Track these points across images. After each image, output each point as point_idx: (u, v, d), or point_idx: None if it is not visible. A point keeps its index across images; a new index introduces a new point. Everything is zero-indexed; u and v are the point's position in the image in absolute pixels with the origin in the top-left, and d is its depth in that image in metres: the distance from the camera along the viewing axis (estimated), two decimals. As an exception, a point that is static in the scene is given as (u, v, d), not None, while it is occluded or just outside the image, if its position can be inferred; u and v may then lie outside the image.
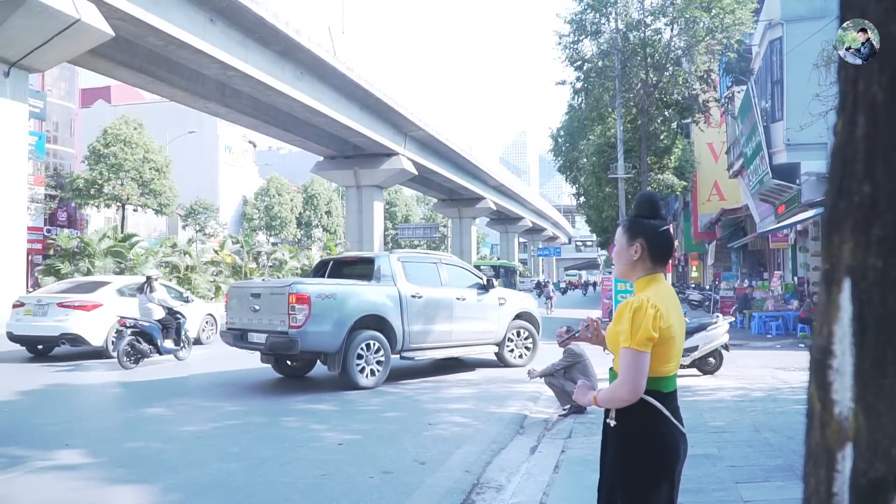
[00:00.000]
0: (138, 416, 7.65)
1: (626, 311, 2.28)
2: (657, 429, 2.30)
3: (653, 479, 2.29)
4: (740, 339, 15.12)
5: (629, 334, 2.24)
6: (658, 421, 2.30)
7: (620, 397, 2.26)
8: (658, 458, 2.29)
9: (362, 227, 50.28)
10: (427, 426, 7.18)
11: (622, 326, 2.27)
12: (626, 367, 2.24)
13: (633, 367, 2.22)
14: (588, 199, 36.74)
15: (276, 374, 10.70)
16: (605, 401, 2.34)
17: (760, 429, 6.65)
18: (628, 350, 2.23)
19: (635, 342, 2.22)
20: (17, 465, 5.55)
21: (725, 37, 22.33)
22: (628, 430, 2.32)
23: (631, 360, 2.23)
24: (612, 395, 2.30)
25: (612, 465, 2.39)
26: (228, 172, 67.53)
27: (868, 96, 0.74)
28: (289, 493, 4.93)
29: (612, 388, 2.30)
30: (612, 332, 2.38)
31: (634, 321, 2.24)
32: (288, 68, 33.37)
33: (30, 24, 20.12)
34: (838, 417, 0.77)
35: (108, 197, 41.19)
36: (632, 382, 2.22)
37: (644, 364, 2.23)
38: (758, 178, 19.37)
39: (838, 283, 0.77)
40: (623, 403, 2.28)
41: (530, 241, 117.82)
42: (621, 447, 2.34)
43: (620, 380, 2.25)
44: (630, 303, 2.30)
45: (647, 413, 2.29)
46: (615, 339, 2.34)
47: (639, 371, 2.22)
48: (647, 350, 2.23)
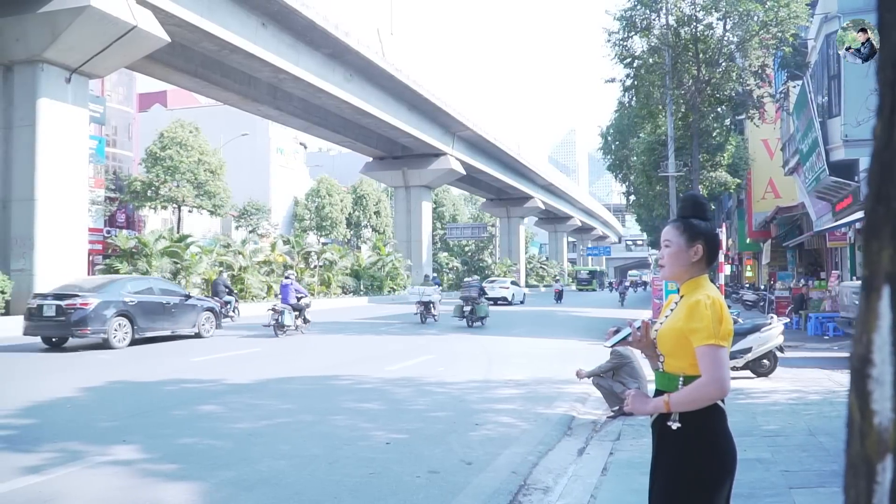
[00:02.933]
0: (192, 413, 7.84)
1: (703, 309, 2.23)
2: (722, 428, 2.28)
3: (718, 480, 2.26)
4: (796, 341, 14.73)
5: (711, 331, 2.20)
6: (722, 420, 2.29)
7: (709, 396, 2.21)
8: (723, 460, 2.27)
9: (411, 227, 50.62)
10: (474, 426, 7.19)
11: (699, 324, 2.22)
12: (711, 363, 2.19)
13: (720, 363, 2.19)
14: (638, 198, 36.32)
15: (325, 373, 10.88)
16: (685, 403, 2.25)
17: (816, 433, 6.47)
18: (711, 347, 2.19)
19: (719, 337, 2.19)
20: (76, 460, 5.75)
21: (780, 31, 21.77)
22: (694, 433, 2.26)
23: (716, 356, 2.19)
24: (696, 394, 2.22)
25: (673, 469, 2.31)
26: (280, 174, 68.68)
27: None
28: (336, 491, 4.99)
29: (696, 388, 2.23)
30: (674, 331, 2.31)
31: (714, 316, 2.21)
32: (337, 70, 33.80)
33: (89, 32, 20.80)
34: (878, 428, 0.75)
35: (164, 199, 42.30)
36: (722, 379, 2.18)
37: (727, 359, 2.21)
38: (814, 175, 18.84)
39: (877, 290, 0.75)
40: (710, 402, 2.23)
41: (579, 240, 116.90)
42: (686, 449, 2.28)
43: (707, 378, 2.19)
44: (702, 300, 2.25)
45: (715, 415, 2.27)
46: (678, 338, 2.29)
47: (725, 367, 2.19)
48: (728, 346, 2.21)
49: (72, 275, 20.20)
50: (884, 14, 0.75)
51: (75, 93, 22.26)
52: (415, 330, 19.85)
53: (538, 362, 12.38)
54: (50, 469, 5.45)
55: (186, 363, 12.36)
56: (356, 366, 11.89)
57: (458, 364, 12.29)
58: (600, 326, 17.60)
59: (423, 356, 13.44)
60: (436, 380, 10.39)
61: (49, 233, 21.04)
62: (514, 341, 16.81)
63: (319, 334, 18.11)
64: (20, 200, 21.01)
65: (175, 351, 14.42)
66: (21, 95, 21.12)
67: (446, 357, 13.41)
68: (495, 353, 13.97)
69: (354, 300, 37.82)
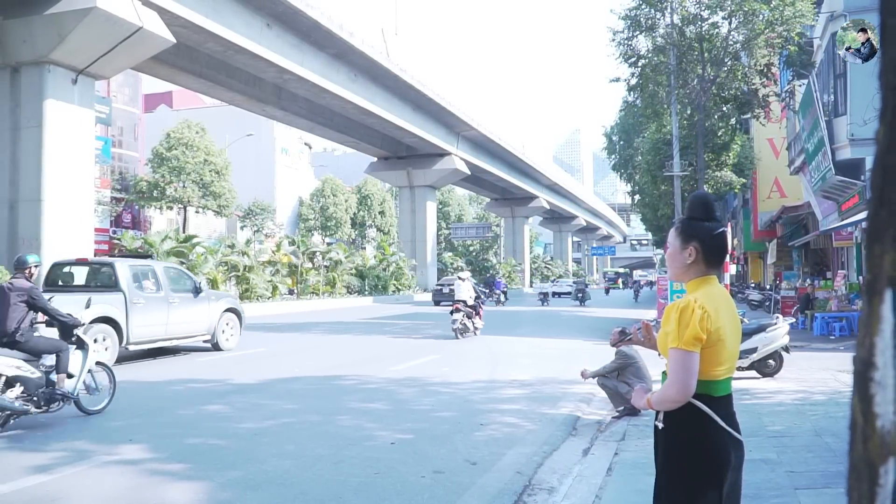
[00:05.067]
0: (198, 413, 7.87)
1: (673, 312, 2.27)
2: (705, 433, 2.27)
3: (697, 484, 2.26)
4: (801, 341, 14.69)
5: (676, 335, 2.23)
6: (706, 425, 2.27)
7: (670, 398, 2.25)
8: (704, 464, 2.26)
9: (415, 226, 50.65)
10: (479, 426, 7.19)
11: (669, 327, 2.27)
12: (674, 367, 2.23)
13: (681, 368, 2.21)
14: (643, 198, 36.22)
15: (330, 373, 10.89)
16: (656, 402, 2.33)
17: (821, 433, 6.46)
18: (676, 350, 2.23)
19: (682, 342, 2.21)
20: (83, 459, 5.78)
21: (786, 30, 21.69)
22: (675, 434, 2.31)
23: (679, 361, 2.22)
24: (662, 396, 2.29)
25: (661, 467, 2.37)
26: (285, 174, 68.82)
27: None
28: (341, 491, 5.01)
29: (662, 389, 2.30)
30: (661, 335, 2.37)
31: (681, 321, 2.23)
32: (342, 70, 33.84)
33: (95, 33, 20.88)
34: (880, 431, 0.76)
35: (170, 199, 42.42)
36: (681, 383, 2.21)
37: (692, 364, 2.21)
38: (820, 175, 18.79)
39: (880, 293, 0.75)
40: (673, 405, 2.26)
41: (584, 239, 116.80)
42: (668, 450, 2.33)
43: (669, 380, 2.25)
44: (677, 304, 2.28)
45: (694, 417, 2.27)
46: (663, 341, 2.33)
47: (687, 371, 2.20)
48: (694, 350, 2.21)
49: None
50: (886, 18, 0.76)
51: (82, 94, 22.34)
52: (419, 330, 19.86)
53: (543, 362, 12.38)
54: (57, 468, 5.48)
55: (192, 363, 12.40)
56: (361, 366, 11.91)
57: (462, 364, 12.30)
58: (605, 326, 17.58)
59: (429, 356, 13.46)
60: (441, 380, 10.40)
61: (56, 233, 21.12)
62: (519, 341, 16.81)
63: (325, 334, 18.14)
64: (27, 201, 21.09)
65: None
66: (28, 96, 21.21)
67: (451, 357, 13.42)
68: (500, 353, 13.98)
69: (359, 300, 37.85)
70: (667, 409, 2.30)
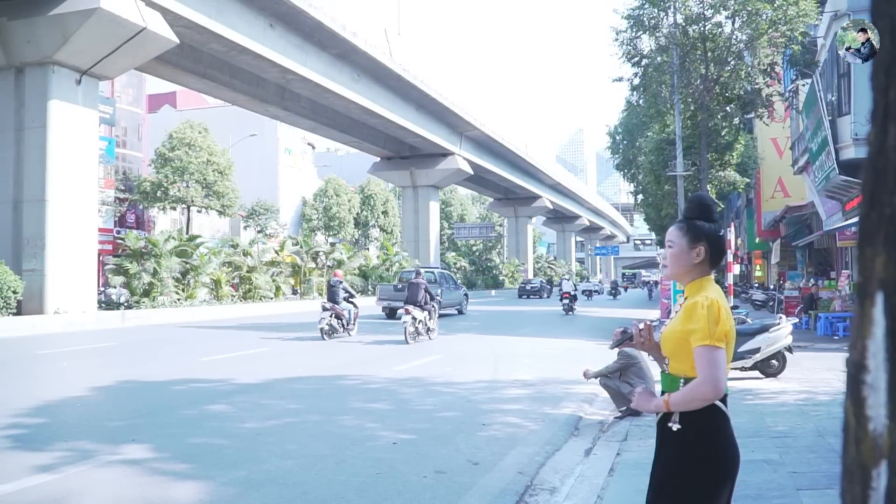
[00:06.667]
0: (201, 413, 7.88)
1: (699, 310, 2.25)
2: (724, 433, 2.28)
3: (718, 482, 2.26)
4: (805, 341, 14.66)
5: (706, 332, 2.21)
6: (724, 423, 2.28)
7: (703, 396, 2.21)
8: (721, 465, 2.26)
9: (418, 226, 50.65)
10: (481, 426, 7.20)
11: (695, 325, 2.24)
12: (705, 364, 2.20)
13: (714, 364, 2.19)
14: (646, 197, 36.20)
15: (332, 373, 10.91)
16: (681, 403, 2.26)
17: (825, 434, 6.45)
18: (705, 347, 2.20)
19: (714, 338, 2.20)
20: (86, 459, 5.79)
21: (789, 29, 21.65)
22: (695, 434, 2.27)
23: (709, 358, 2.20)
24: (691, 395, 2.23)
25: (672, 470, 2.32)
26: (288, 174, 68.80)
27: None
28: (343, 491, 5.01)
29: (691, 389, 2.24)
30: (675, 333, 2.33)
31: (710, 317, 2.22)
32: (345, 71, 33.86)
33: (99, 34, 20.92)
34: (872, 434, 0.76)
35: (173, 199, 42.45)
36: (715, 380, 2.18)
37: (723, 360, 2.21)
38: (824, 174, 18.75)
39: (871, 296, 0.75)
40: (702, 403, 2.23)
41: (587, 239, 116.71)
42: (687, 451, 2.28)
43: (702, 378, 2.20)
44: (700, 301, 2.27)
45: (715, 415, 2.27)
46: (678, 340, 2.30)
47: (720, 368, 2.19)
48: (723, 346, 2.22)
49: (81, 273, 20.25)
50: (876, 21, 0.76)
51: (85, 94, 22.39)
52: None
53: (545, 362, 12.38)
54: (61, 468, 5.49)
55: (194, 362, 12.43)
56: (364, 365, 11.93)
57: (465, 364, 12.30)
58: (607, 326, 17.56)
59: (431, 356, 13.46)
60: (443, 380, 10.41)
61: (60, 233, 21.17)
62: (521, 341, 16.81)
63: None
64: (31, 201, 21.15)
65: (183, 351, 14.49)
66: (32, 97, 21.27)
67: (454, 357, 13.43)
68: (502, 353, 13.98)
69: (363, 300, 37.79)
70: (694, 409, 2.26)
